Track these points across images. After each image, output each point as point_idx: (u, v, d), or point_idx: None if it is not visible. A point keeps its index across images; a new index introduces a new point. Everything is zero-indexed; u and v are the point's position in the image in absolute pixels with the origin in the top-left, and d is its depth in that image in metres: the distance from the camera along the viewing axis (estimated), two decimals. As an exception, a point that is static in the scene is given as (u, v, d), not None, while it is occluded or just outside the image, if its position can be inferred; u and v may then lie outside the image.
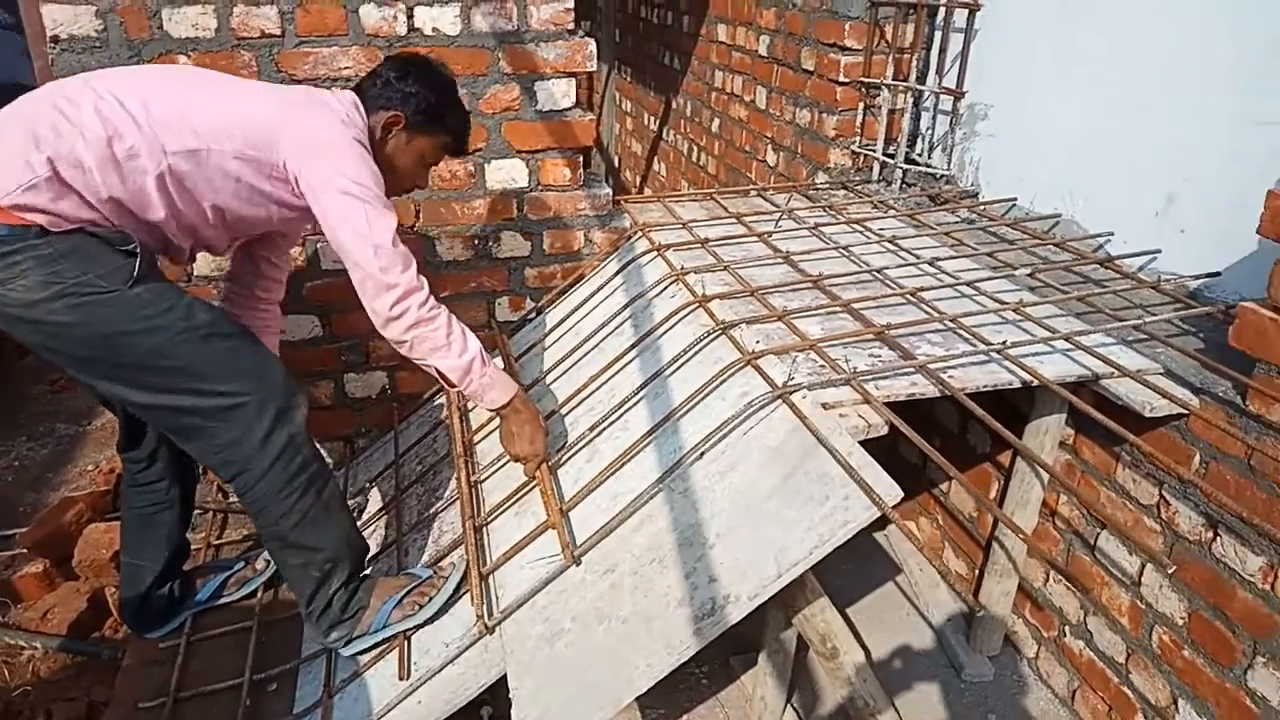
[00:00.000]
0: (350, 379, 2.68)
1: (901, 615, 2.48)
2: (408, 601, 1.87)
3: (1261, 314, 1.64)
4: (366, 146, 1.77)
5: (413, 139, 1.89)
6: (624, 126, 6.49)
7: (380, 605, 1.88)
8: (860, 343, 1.96)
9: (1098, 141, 2.50)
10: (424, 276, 1.79)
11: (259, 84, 1.85)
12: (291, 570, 1.86)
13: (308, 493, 1.78)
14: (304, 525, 1.79)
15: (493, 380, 1.91)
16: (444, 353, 1.83)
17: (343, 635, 1.88)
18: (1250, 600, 1.66)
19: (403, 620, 1.86)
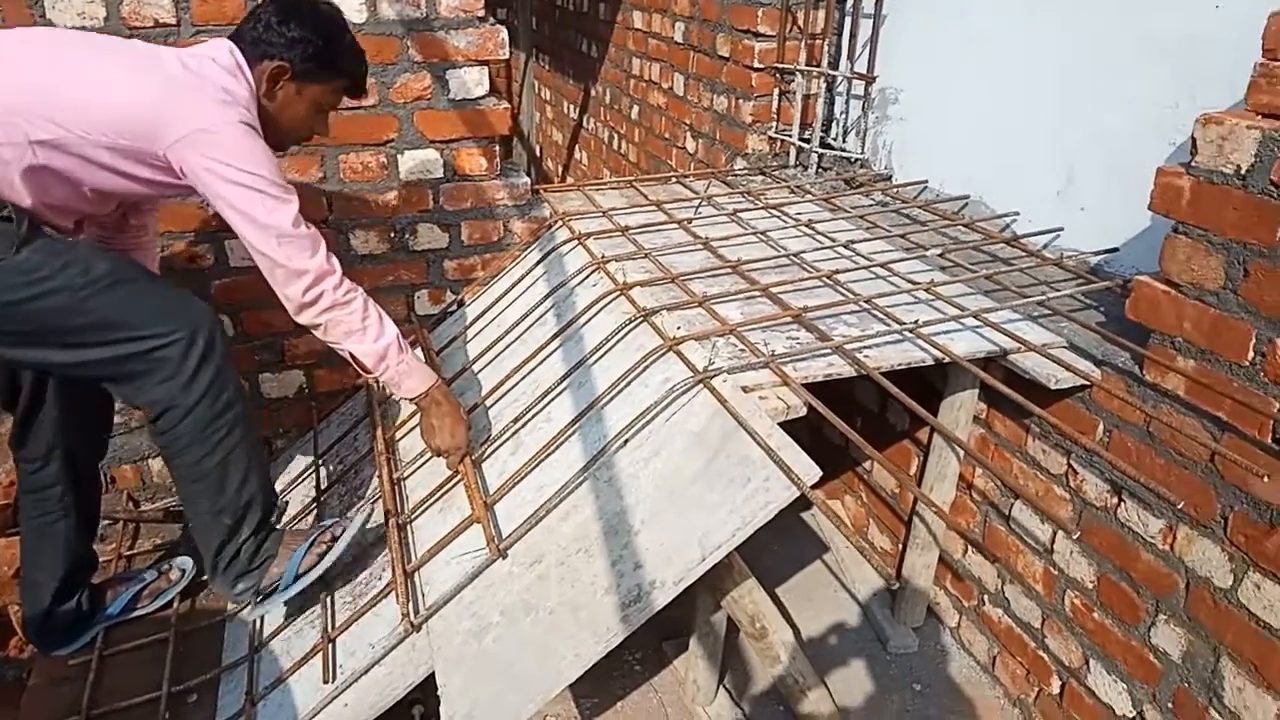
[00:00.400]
0: (266, 379, 2.60)
1: (829, 592, 2.53)
2: (317, 543, 1.87)
3: (1155, 287, 1.71)
4: (253, 125, 1.66)
5: (304, 88, 1.77)
6: (544, 115, 6.44)
7: (290, 554, 1.86)
8: (778, 326, 1.99)
9: (1001, 123, 2.58)
10: (334, 257, 1.75)
11: (130, 51, 1.65)
12: (203, 518, 1.81)
13: (232, 431, 1.75)
14: (226, 464, 1.76)
15: (410, 368, 1.88)
16: (359, 337, 1.79)
17: (249, 586, 1.85)
18: (1152, 561, 1.74)
19: (317, 563, 1.85)
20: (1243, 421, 1.54)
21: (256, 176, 1.62)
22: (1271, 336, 1.49)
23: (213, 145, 1.60)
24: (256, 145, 1.65)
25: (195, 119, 1.59)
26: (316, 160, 2.42)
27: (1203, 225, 1.60)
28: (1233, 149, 1.53)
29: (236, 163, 1.61)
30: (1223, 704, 1.62)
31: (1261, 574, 1.53)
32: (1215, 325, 1.59)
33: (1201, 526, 1.63)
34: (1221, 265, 1.57)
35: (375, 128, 2.43)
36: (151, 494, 2.58)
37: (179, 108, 1.60)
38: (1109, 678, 1.87)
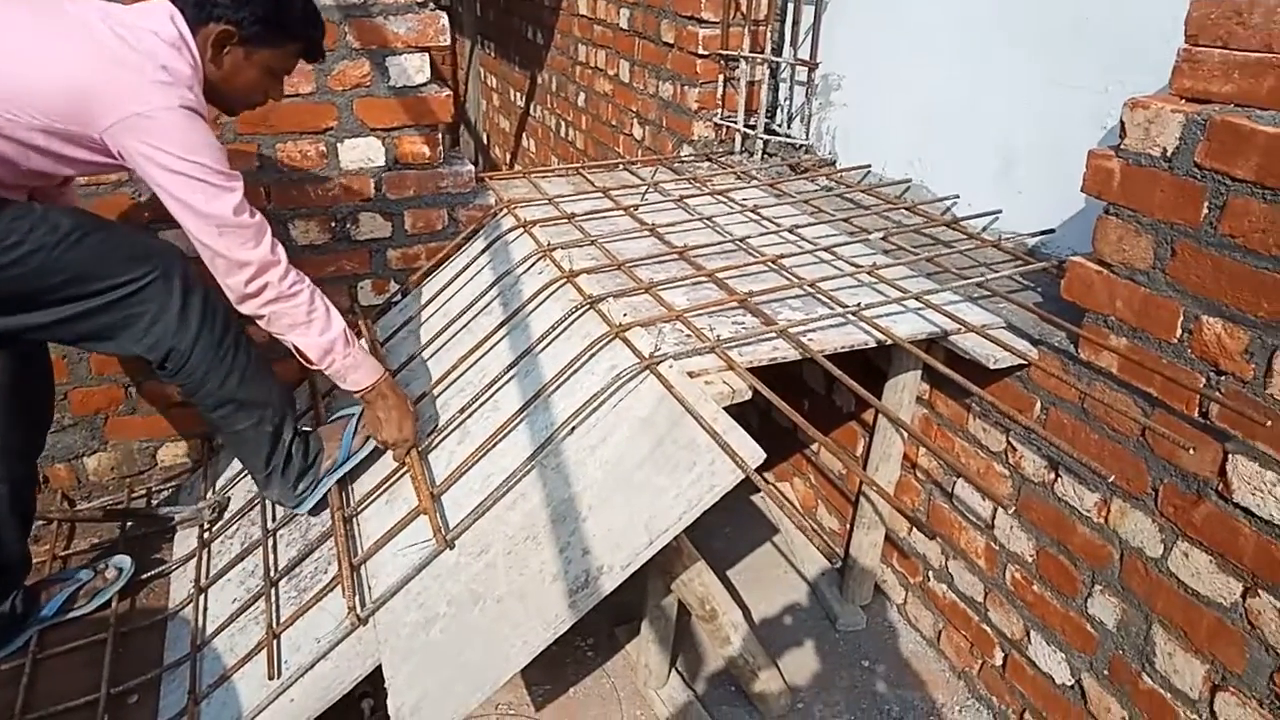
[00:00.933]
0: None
1: (779, 573, 2.56)
2: (362, 428, 1.98)
3: (1088, 267, 1.75)
4: (195, 108, 1.58)
5: (253, 53, 1.68)
6: (490, 103, 6.38)
7: (339, 442, 1.98)
8: (724, 311, 2.00)
9: (940, 108, 2.61)
10: (280, 247, 1.72)
11: (59, 15, 1.55)
12: (246, 436, 1.88)
13: (239, 348, 1.80)
14: (248, 380, 1.82)
15: (357, 361, 1.86)
16: (304, 330, 1.76)
17: (310, 484, 1.98)
18: (1088, 534, 1.79)
19: (364, 444, 2.00)
20: (1171, 397, 1.59)
21: (196, 164, 1.57)
22: (1198, 314, 1.54)
23: (150, 131, 1.54)
24: (197, 130, 1.59)
25: (132, 102, 1.52)
26: (254, 149, 2.36)
27: (1132, 206, 1.64)
28: (1159, 132, 1.57)
29: (175, 150, 1.55)
30: (1155, 669, 1.67)
31: (1189, 543, 1.58)
32: (1145, 304, 1.64)
33: (1134, 499, 1.68)
34: (1150, 245, 1.62)
35: (313, 115, 2.38)
36: (87, 493, 2.52)
37: (115, 89, 1.52)
38: (1048, 648, 1.92)
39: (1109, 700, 1.78)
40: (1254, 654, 1.48)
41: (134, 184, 2.24)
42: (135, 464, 2.56)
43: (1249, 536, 1.47)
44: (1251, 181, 1.42)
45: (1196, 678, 1.59)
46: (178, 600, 2.09)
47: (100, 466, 2.51)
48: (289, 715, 1.63)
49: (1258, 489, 1.45)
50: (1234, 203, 1.46)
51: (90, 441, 2.47)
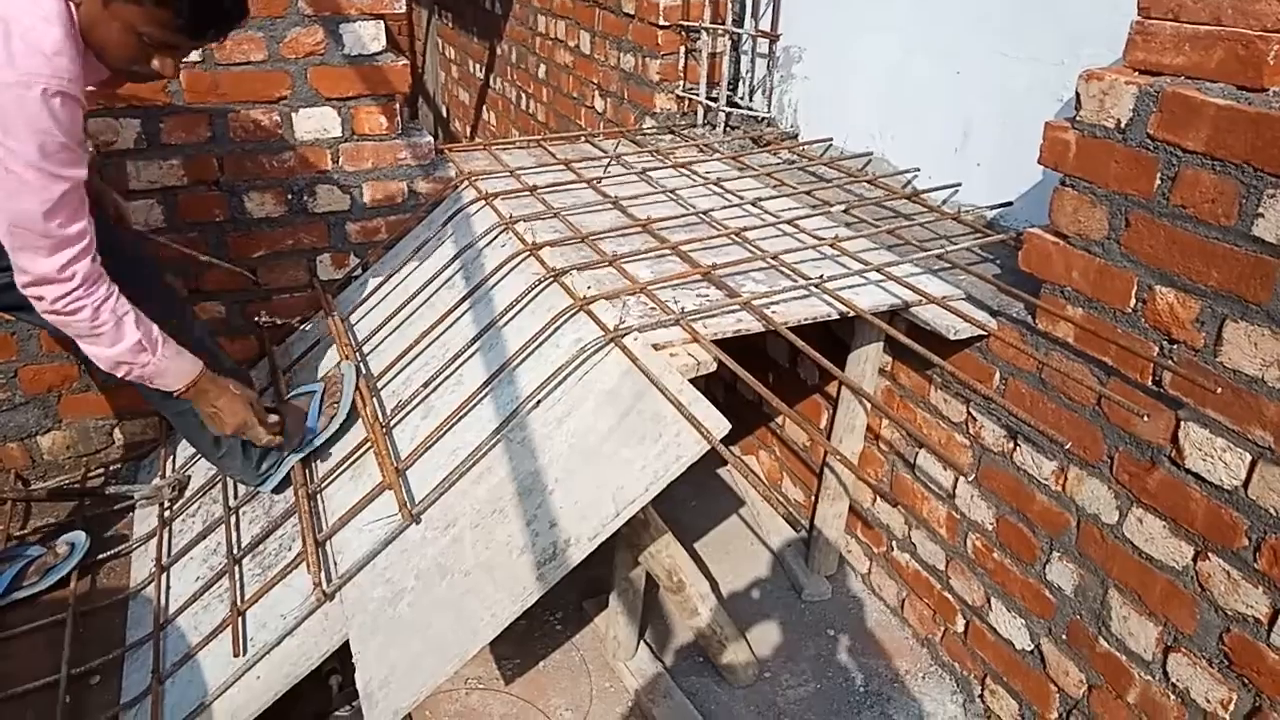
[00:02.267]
0: (161, 350, 2.50)
1: (745, 545, 2.58)
2: (326, 408, 2.01)
3: (1045, 239, 1.77)
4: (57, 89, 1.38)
5: (110, 5, 1.41)
6: (449, 74, 6.28)
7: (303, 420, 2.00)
8: (688, 284, 2.00)
9: (900, 81, 2.62)
10: (84, 264, 1.54)
11: None
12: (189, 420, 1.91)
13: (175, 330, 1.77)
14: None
15: (160, 369, 1.72)
16: (89, 342, 1.64)
17: (274, 462, 2.00)
18: (1046, 501, 1.83)
19: (330, 423, 2.02)
20: (1126, 365, 1.62)
21: (15, 155, 1.38)
22: (1151, 284, 1.57)
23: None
24: (37, 122, 1.37)
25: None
26: (205, 119, 2.31)
27: (1087, 178, 1.67)
28: (1113, 104, 1.59)
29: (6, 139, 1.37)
30: (1110, 632, 1.72)
31: (1143, 509, 1.62)
32: (1100, 274, 1.66)
33: (1090, 467, 1.72)
34: (1105, 216, 1.64)
35: (266, 84, 2.33)
36: (41, 472, 2.47)
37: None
38: (1009, 614, 1.96)
39: (1067, 664, 1.83)
40: (1204, 615, 1.53)
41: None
42: (92, 442, 2.51)
43: (1199, 501, 1.51)
44: (1201, 153, 1.45)
45: (1150, 640, 1.64)
46: (139, 579, 2.06)
47: (55, 445, 2.46)
48: (255, 693, 1.62)
49: (1208, 455, 1.49)
50: (1185, 174, 1.48)
51: (43, 420, 2.42)
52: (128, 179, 2.29)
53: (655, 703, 2.00)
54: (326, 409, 2.02)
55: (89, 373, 2.43)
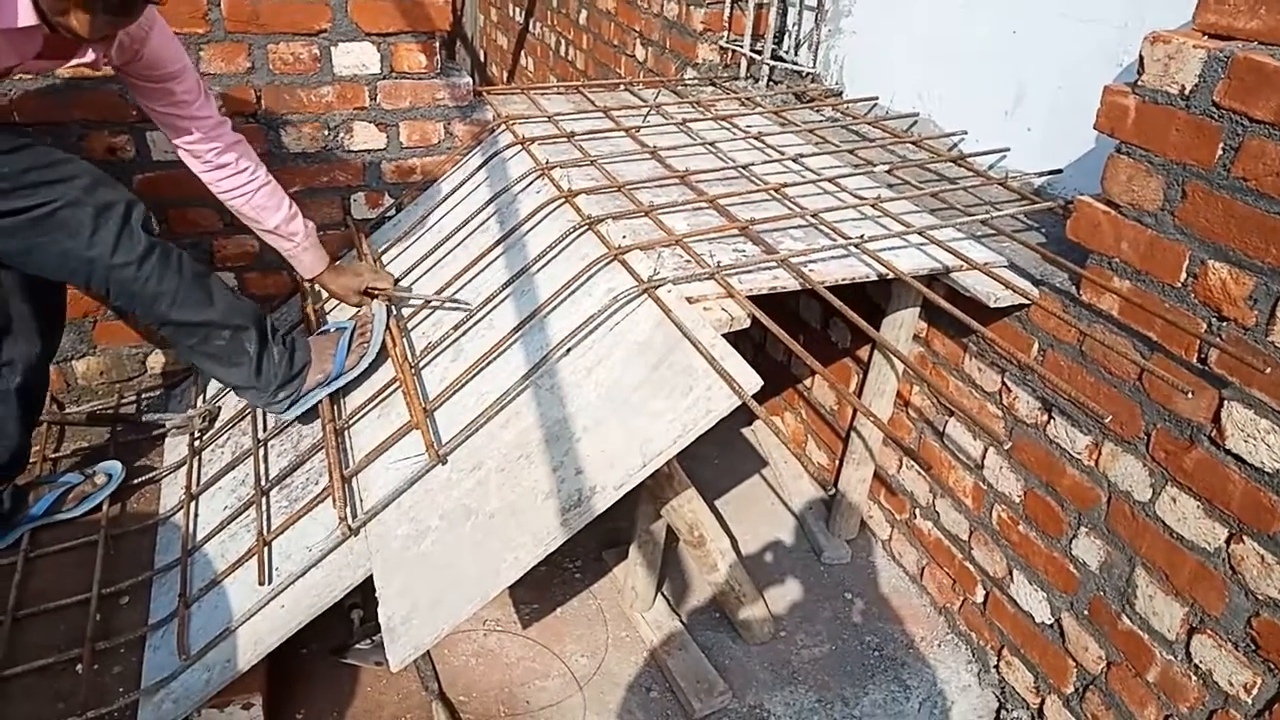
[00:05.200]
0: (195, 281, 2.50)
1: (766, 505, 2.58)
2: (356, 345, 2.01)
3: (1095, 207, 1.73)
4: None
5: None
6: (488, 18, 6.20)
7: (331, 356, 1.99)
8: (725, 238, 1.97)
9: (952, 40, 2.55)
10: None
11: None
12: (196, 353, 1.92)
13: (166, 272, 1.79)
14: (180, 303, 1.82)
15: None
16: None
17: (291, 394, 1.98)
18: (1077, 476, 1.80)
19: (358, 363, 2.00)
20: (1171, 342, 1.58)
21: None
22: (1204, 258, 1.52)
23: None
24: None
25: None
26: (244, 49, 2.29)
27: (1145, 146, 1.61)
28: (1178, 69, 1.53)
29: None
30: (1134, 610, 1.70)
31: (1178, 488, 1.59)
32: (1151, 246, 1.62)
33: (1125, 443, 1.69)
34: (1161, 186, 1.59)
35: (306, 15, 2.30)
36: (76, 397, 2.50)
37: None
38: (1030, 587, 1.95)
39: (1087, 639, 1.81)
40: (1234, 598, 1.51)
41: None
42: (125, 369, 2.54)
43: (1238, 483, 1.48)
44: (1270, 123, 1.39)
45: (1175, 620, 1.62)
46: (168, 506, 2.09)
47: (89, 370, 2.49)
48: (280, 620, 1.64)
49: (1251, 436, 1.45)
50: (1250, 144, 1.43)
51: (79, 345, 2.44)
52: (166, 107, 2.28)
53: (670, 654, 2.01)
54: (356, 347, 2.02)
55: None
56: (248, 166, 1.96)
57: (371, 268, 2.21)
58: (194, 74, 1.85)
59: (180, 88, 1.82)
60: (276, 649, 1.64)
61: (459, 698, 1.91)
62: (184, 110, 1.84)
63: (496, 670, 1.99)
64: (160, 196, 2.34)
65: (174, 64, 1.79)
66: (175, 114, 1.84)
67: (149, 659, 1.73)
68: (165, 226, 2.39)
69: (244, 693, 1.65)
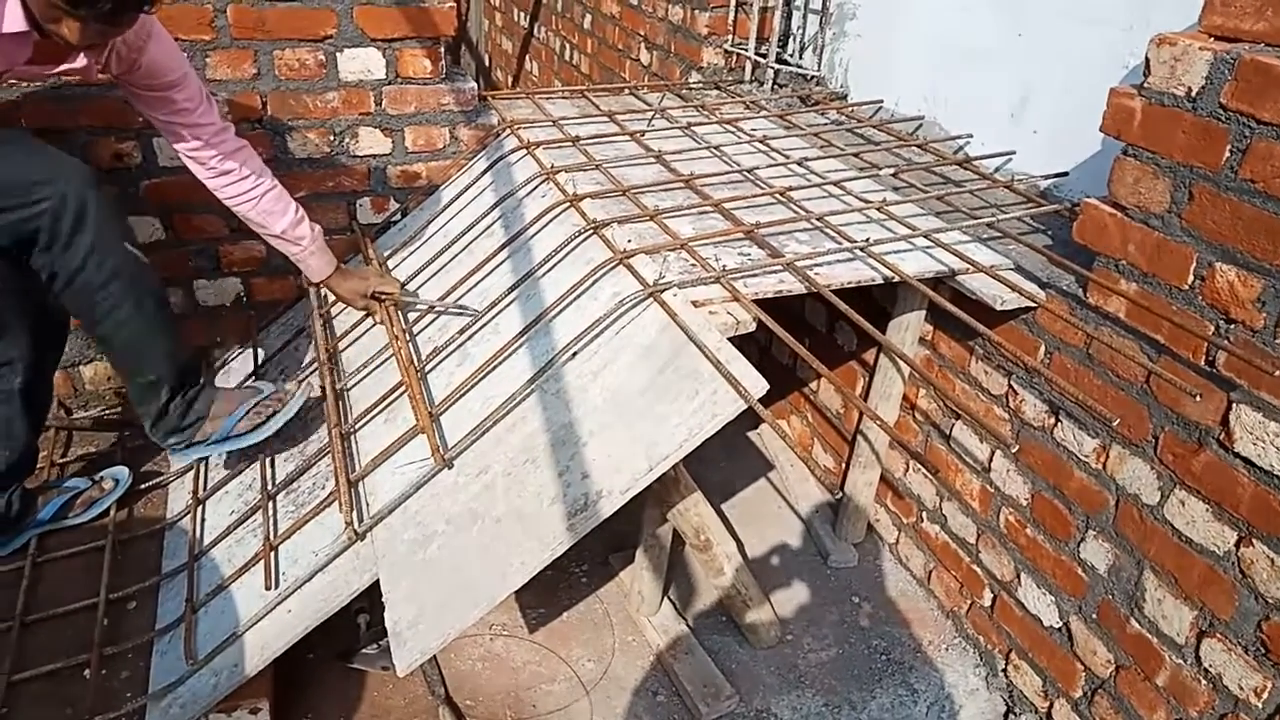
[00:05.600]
0: (201, 286, 2.51)
1: (773, 509, 2.57)
2: (253, 412, 1.91)
3: (1102, 210, 1.72)
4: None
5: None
6: (493, 22, 6.22)
7: (225, 417, 1.90)
8: (730, 241, 1.97)
9: (957, 44, 2.55)
10: None
11: None
12: (121, 371, 1.89)
13: (124, 301, 1.76)
14: (126, 331, 1.80)
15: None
16: None
17: (180, 441, 1.93)
18: (1085, 479, 1.79)
19: (250, 430, 1.90)
20: (1179, 344, 1.58)
21: None
22: (1211, 260, 1.51)
23: None
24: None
25: None
26: (250, 55, 2.29)
27: (1152, 148, 1.61)
28: (1184, 70, 1.53)
29: None
30: (1143, 614, 1.69)
31: (1187, 491, 1.58)
32: (1158, 248, 1.61)
33: (1133, 446, 1.68)
34: (1168, 188, 1.58)
35: (312, 22, 2.31)
36: (84, 402, 2.50)
37: None
38: (1038, 590, 1.94)
39: (1095, 643, 1.80)
40: (1243, 602, 1.50)
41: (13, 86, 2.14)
42: (130, 375, 2.54)
43: (1247, 486, 1.47)
44: (1278, 125, 1.39)
45: (1184, 623, 1.61)
46: (175, 511, 2.10)
47: (97, 376, 2.49)
48: (286, 625, 1.64)
49: (1260, 439, 1.45)
50: (1258, 146, 1.42)
51: (86, 350, 2.45)
52: (173, 113, 2.28)
53: (677, 659, 2.01)
54: (252, 414, 1.96)
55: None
56: (251, 172, 1.97)
57: (378, 272, 2.22)
58: (195, 81, 1.85)
59: (181, 95, 1.82)
60: (284, 654, 1.64)
61: (465, 702, 1.91)
62: (186, 118, 1.85)
63: (503, 675, 1.99)
64: (166, 202, 2.35)
65: (174, 72, 1.79)
66: (177, 122, 1.85)
67: (156, 664, 1.74)
68: (171, 233, 2.40)
69: (251, 697, 1.65)
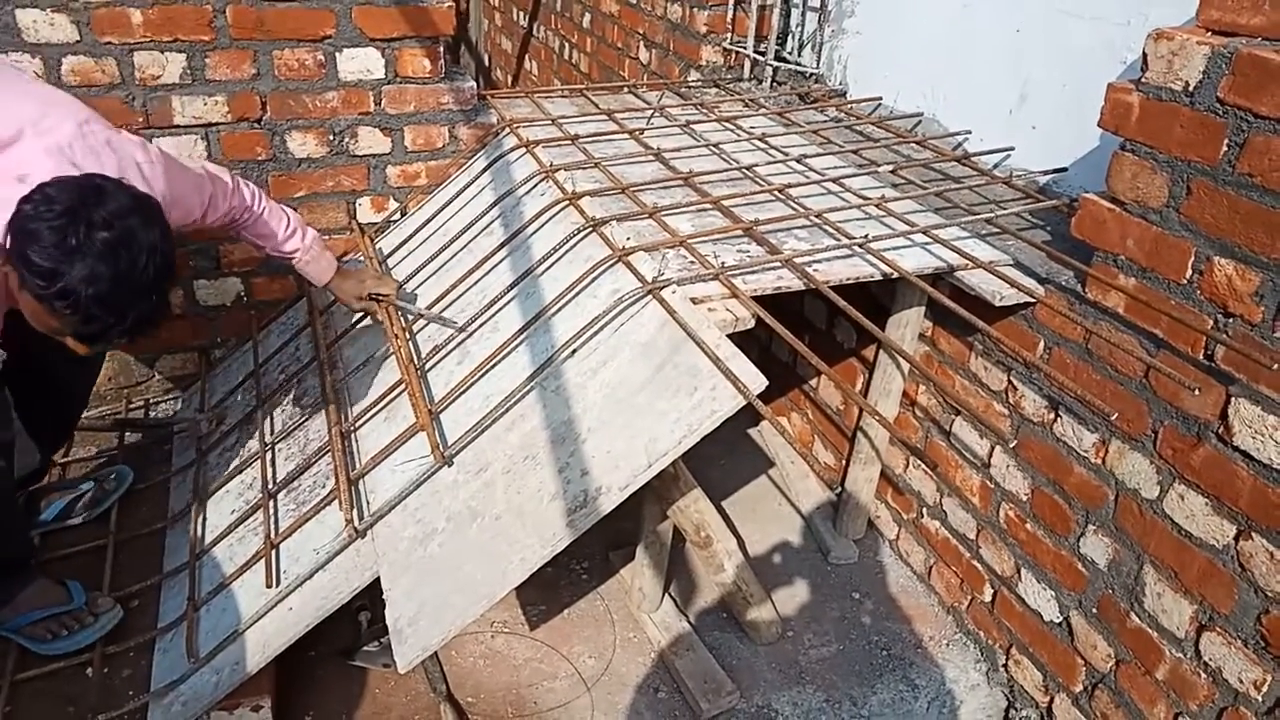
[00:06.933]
0: (201, 285, 2.52)
1: (773, 506, 2.57)
2: (43, 625, 1.75)
3: (1100, 205, 1.72)
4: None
5: (21, 289, 1.39)
6: (492, 22, 6.22)
7: (14, 616, 1.75)
8: (729, 239, 1.97)
9: (956, 40, 2.55)
10: None
11: None
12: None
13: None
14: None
15: None
16: None
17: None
18: (1084, 474, 1.80)
19: (29, 641, 1.75)
20: (1177, 338, 1.58)
21: None
22: (1210, 254, 1.52)
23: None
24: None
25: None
26: (249, 55, 2.30)
27: (1149, 143, 1.61)
28: (1182, 65, 1.53)
29: None
30: (1143, 608, 1.69)
31: (1186, 485, 1.58)
32: (1157, 243, 1.61)
33: (1133, 440, 1.68)
34: (1166, 183, 1.59)
35: (311, 22, 2.31)
36: (85, 403, 2.51)
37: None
38: (1038, 585, 1.94)
39: (1095, 637, 1.81)
40: (1243, 595, 1.50)
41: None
42: (133, 375, 2.55)
43: (1246, 480, 1.47)
44: (1275, 119, 1.39)
45: (1184, 617, 1.61)
46: (176, 510, 2.10)
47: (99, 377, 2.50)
48: (288, 623, 1.65)
49: (1258, 433, 1.45)
50: (1255, 140, 1.42)
51: (86, 352, 2.45)
52: (172, 113, 2.29)
53: (678, 655, 2.01)
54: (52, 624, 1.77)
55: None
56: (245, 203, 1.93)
57: (375, 273, 2.22)
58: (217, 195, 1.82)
59: (213, 220, 1.84)
60: (285, 651, 1.65)
61: (467, 699, 1.91)
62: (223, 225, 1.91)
63: (504, 671, 1.99)
64: (167, 202, 2.35)
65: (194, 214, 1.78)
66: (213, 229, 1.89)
67: (158, 662, 1.74)
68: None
69: (253, 695, 1.66)
